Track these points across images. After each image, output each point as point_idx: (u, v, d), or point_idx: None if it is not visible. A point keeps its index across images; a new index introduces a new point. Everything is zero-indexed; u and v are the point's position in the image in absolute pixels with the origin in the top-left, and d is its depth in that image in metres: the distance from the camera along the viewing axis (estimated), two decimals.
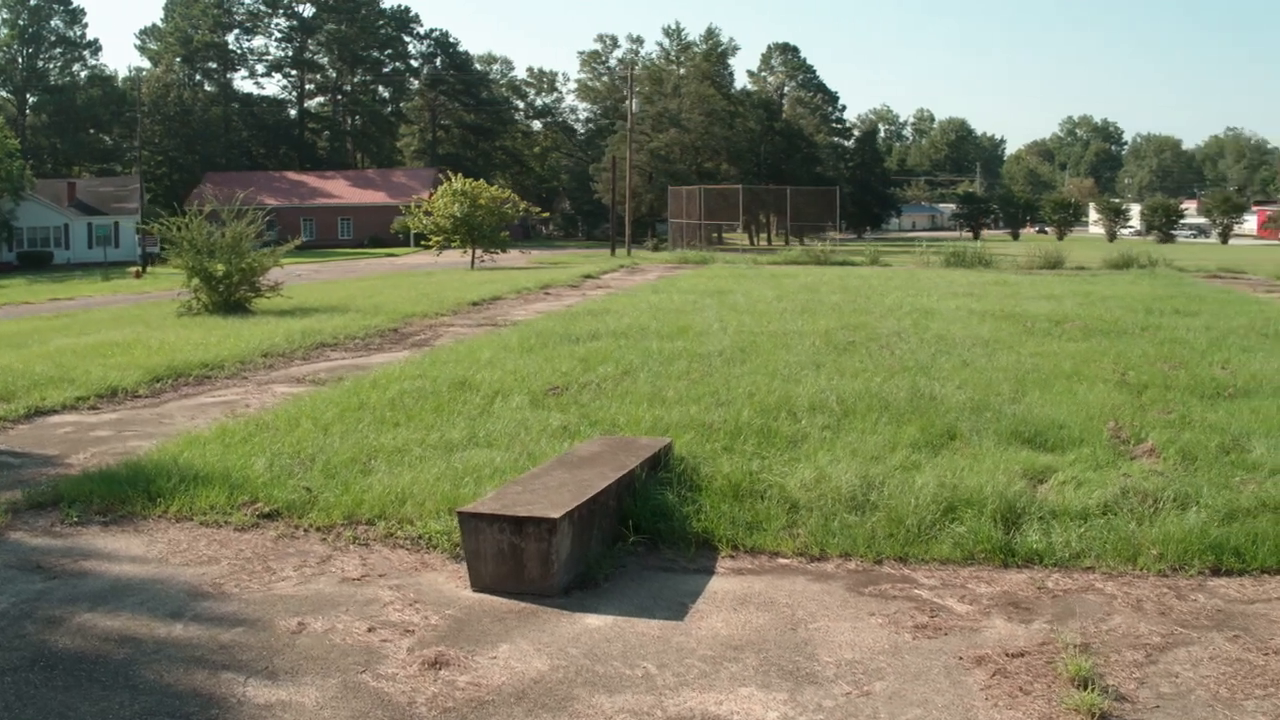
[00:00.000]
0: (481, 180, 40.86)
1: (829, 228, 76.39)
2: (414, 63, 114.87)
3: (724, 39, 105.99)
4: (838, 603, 5.74)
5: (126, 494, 7.28)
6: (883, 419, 9.36)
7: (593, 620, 5.47)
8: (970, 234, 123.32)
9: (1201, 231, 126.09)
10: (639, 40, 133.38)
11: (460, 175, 40.00)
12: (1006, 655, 5.04)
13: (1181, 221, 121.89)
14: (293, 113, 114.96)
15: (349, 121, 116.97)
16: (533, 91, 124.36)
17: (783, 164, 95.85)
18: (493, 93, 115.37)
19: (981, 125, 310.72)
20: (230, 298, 19.20)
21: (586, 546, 6.15)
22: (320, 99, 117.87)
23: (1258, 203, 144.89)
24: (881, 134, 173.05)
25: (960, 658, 5.04)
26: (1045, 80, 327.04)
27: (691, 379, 11.23)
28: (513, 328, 15.89)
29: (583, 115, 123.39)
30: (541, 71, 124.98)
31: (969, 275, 29.48)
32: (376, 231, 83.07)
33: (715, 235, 64.87)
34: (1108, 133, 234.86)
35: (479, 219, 37.35)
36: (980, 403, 10.02)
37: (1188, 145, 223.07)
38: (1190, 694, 4.67)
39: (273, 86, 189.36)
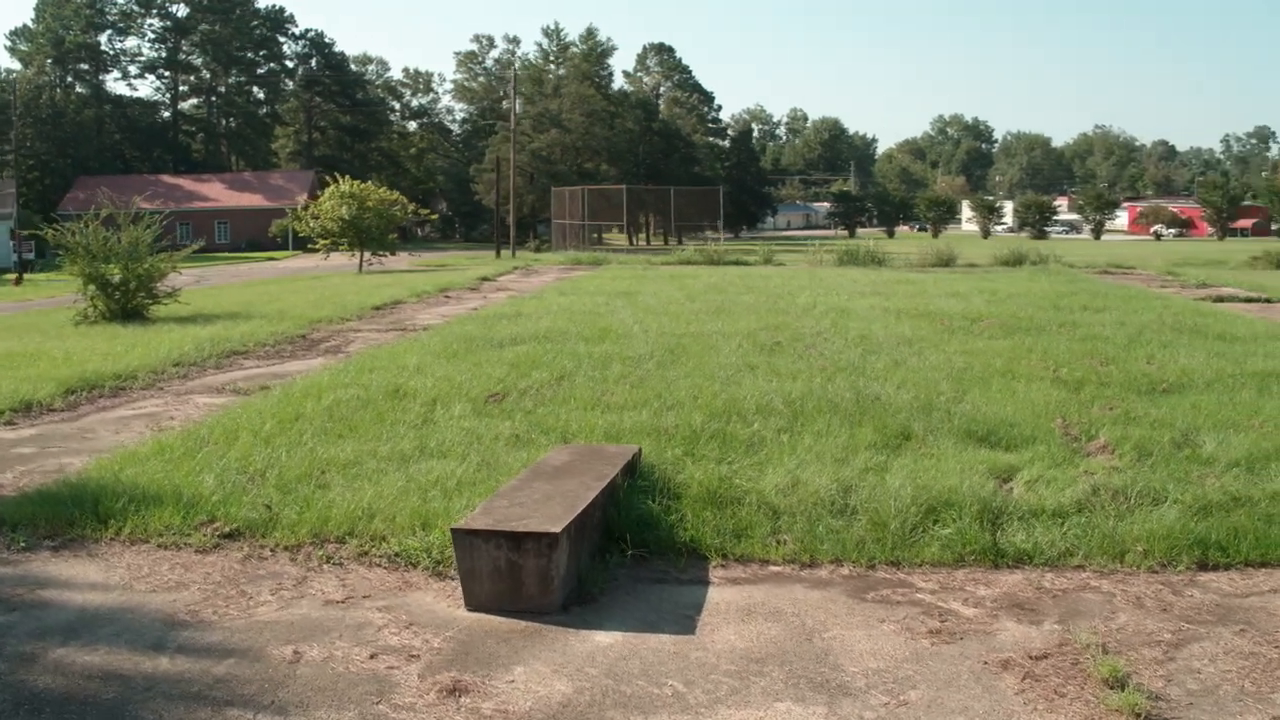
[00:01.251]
0: (369, 182, 40.24)
1: (707, 228, 77.22)
2: (289, 63, 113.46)
3: (602, 39, 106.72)
4: (844, 610, 5.77)
5: (74, 516, 6.92)
6: (834, 421, 9.44)
7: (601, 637, 5.39)
8: (846, 232, 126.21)
9: (1073, 228, 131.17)
10: (515, 41, 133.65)
11: (348, 177, 39.36)
12: (1030, 658, 5.13)
13: (1054, 218, 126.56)
14: (167, 115, 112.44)
15: (224, 123, 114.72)
16: (409, 92, 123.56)
17: (661, 164, 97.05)
18: (368, 94, 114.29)
19: (854, 124, 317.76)
20: (128, 305, 18.57)
21: (579, 561, 6.06)
22: (195, 101, 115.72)
23: (1128, 199, 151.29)
24: (756, 134, 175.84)
25: (984, 662, 5.10)
26: (916, 79, 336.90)
27: (629, 383, 11.18)
28: (427, 332, 15.63)
29: (459, 116, 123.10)
30: (417, 72, 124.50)
31: (867, 274, 30.08)
32: (254, 235, 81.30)
33: (595, 236, 64.99)
34: (978, 131, 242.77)
35: (367, 221, 36.79)
36: (926, 403, 10.19)
37: (1057, 143, 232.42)
38: (1217, 689, 4.81)
39: (146, 88, 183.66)
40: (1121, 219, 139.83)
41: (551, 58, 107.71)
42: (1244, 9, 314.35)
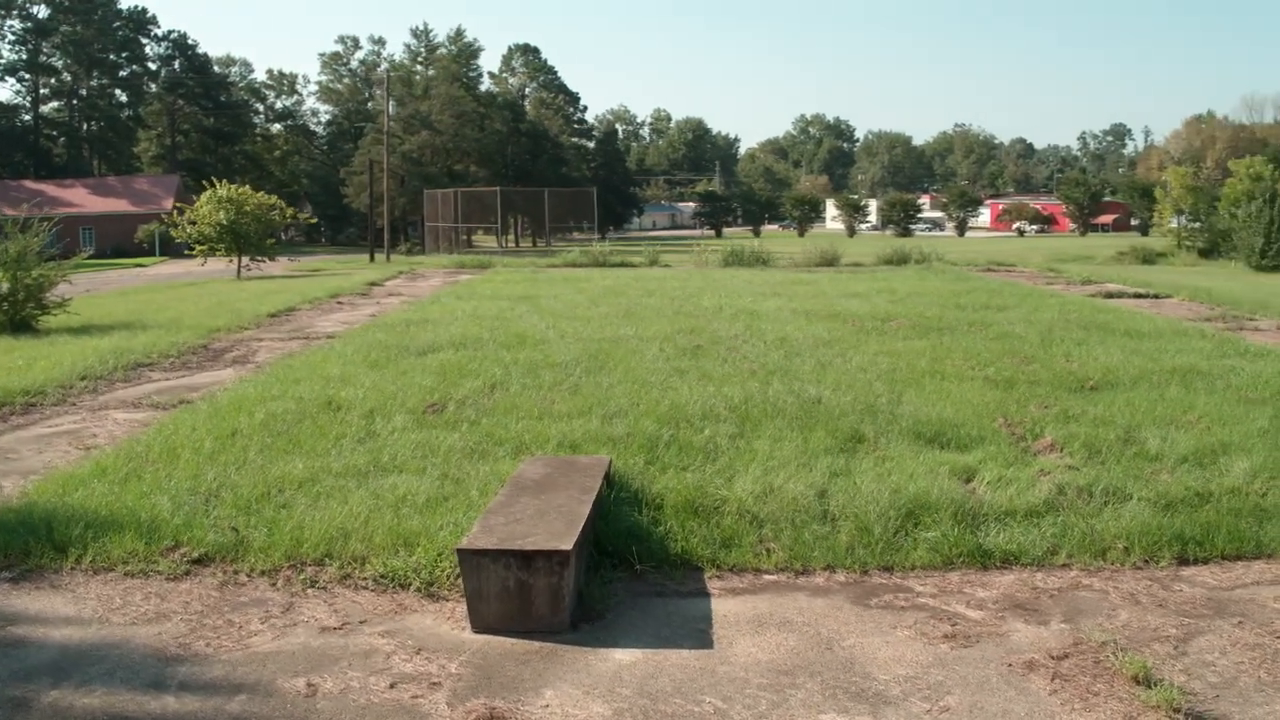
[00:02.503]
0: (247, 186, 39.21)
1: (574, 229, 77.33)
2: (152, 65, 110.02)
3: (469, 40, 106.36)
4: (853, 618, 5.85)
5: (28, 545, 6.59)
6: (783, 425, 9.57)
7: (620, 655, 5.36)
8: (712, 232, 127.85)
9: (936, 225, 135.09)
10: (381, 42, 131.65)
11: (225, 181, 38.30)
12: (1052, 658, 5.28)
13: (919, 216, 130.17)
14: (28, 118, 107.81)
15: (86, 127, 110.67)
16: (272, 94, 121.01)
17: (529, 165, 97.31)
18: (232, 96, 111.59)
19: (717, 124, 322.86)
20: (16, 316, 17.78)
21: (580, 577, 6.02)
22: (56, 103, 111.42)
23: (990, 196, 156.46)
24: (620, 134, 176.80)
25: (1008, 664, 5.24)
26: (779, 79, 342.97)
27: (565, 391, 11.13)
28: (338, 341, 15.27)
29: (324, 118, 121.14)
30: (281, 74, 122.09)
31: (758, 274, 30.50)
32: (120, 241, 78.50)
33: (465, 238, 64.52)
34: (840, 130, 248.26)
35: (245, 226, 35.83)
36: (868, 405, 10.39)
37: (918, 141, 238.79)
38: (1236, 681, 5.04)
39: (5, 91, 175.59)
40: (984, 216, 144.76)
41: (420, 59, 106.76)
42: (1100, 8, 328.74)
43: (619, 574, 6.42)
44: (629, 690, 4.96)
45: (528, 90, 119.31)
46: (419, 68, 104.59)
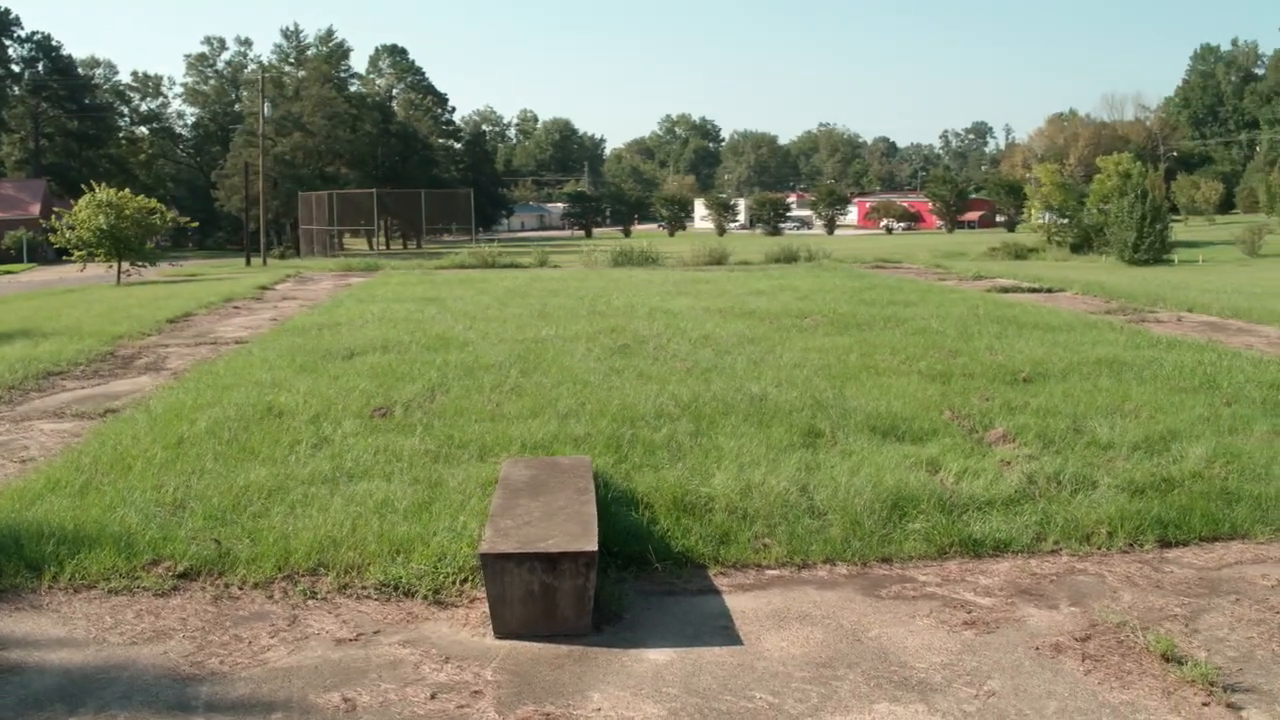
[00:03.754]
0: (127, 190, 37.86)
1: (443, 231, 76.66)
2: (15, 68, 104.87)
3: (339, 40, 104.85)
4: (869, 609, 5.97)
5: (0, 564, 6.30)
6: (738, 422, 9.68)
7: (655, 655, 5.37)
8: (582, 232, 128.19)
9: (804, 224, 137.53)
10: (247, 42, 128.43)
11: (104, 185, 36.90)
12: (1076, 640, 5.49)
13: (788, 215, 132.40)
14: None
15: None
16: (138, 96, 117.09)
17: (400, 167, 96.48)
18: (97, 98, 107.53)
19: (584, 125, 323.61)
20: None
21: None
22: None
23: (857, 195, 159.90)
24: (487, 135, 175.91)
25: (1035, 648, 5.42)
26: (645, 80, 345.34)
27: (505, 392, 11.07)
28: (256, 346, 14.88)
29: (190, 120, 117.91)
30: (146, 75, 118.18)
31: (654, 273, 30.71)
32: None
33: (337, 241, 63.50)
34: (706, 130, 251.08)
35: (126, 231, 34.64)
36: (815, 401, 10.57)
37: (783, 141, 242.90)
38: (1253, 655, 5.30)
39: None
40: (852, 214, 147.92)
41: (290, 60, 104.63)
42: (961, 9, 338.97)
43: (624, 574, 6.43)
44: (675, 689, 4.99)
45: (395, 91, 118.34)
46: (289, 69, 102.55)
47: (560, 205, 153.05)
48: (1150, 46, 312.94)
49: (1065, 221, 66.20)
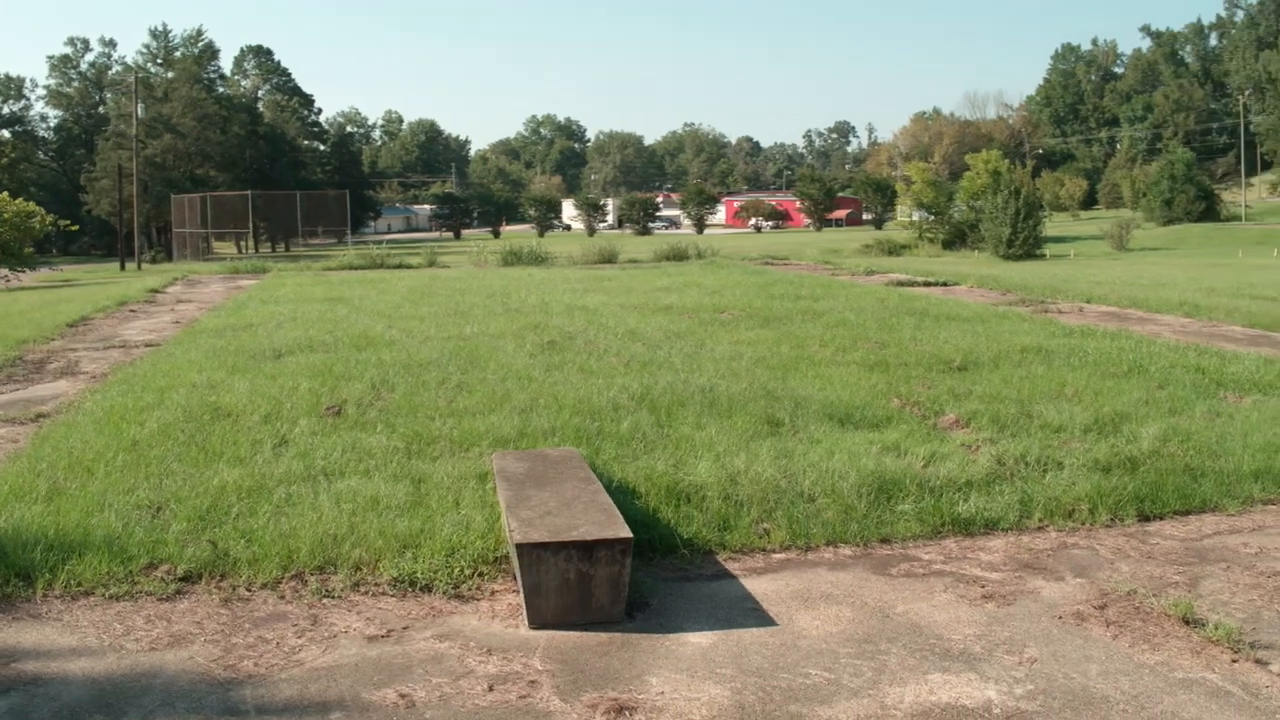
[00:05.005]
0: (5, 194, 36.25)
1: (309, 234, 75.30)
2: None
3: (207, 40, 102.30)
4: (886, 587, 6.14)
5: None
6: (695, 413, 9.81)
7: (696, 639, 5.44)
8: (450, 234, 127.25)
9: (673, 223, 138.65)
10: (112, 43, 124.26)
11: None
12: (1094, 609, 5.73)
13: (657, 215, 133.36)
14: None
15: None
16: None
17: (269, 169, 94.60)
18: None
19: (450, 126, 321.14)
20: None
21: None
22: None
23: (725, 194, 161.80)
24: (353, 137, 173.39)
25: (1058, 617, 5.65)
26: (509, 80, 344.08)
27: (452, 389, 11.00)
28: (175, 348, 14.43)
29: (53, 123, 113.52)
30: (9, 77, 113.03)
31: (551, 272, 30.72)
32: None
33: (205, 245, 61.90)
34: (571, 131, 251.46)
35: (4, 235, 33.22)
36: (764, 391, 10.76)
37: (649, 141, 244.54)
38: (1260, 616, 5.62)
39: None
40: (720, 214, 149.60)
41: (159, 60, 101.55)
42: (823, 9, 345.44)
43: (636, 561, 6.47)
44: (729, 670, 5.06)
45: (261, 93, 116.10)
46: (158, 69, 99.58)
47: (427, 207, 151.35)
48: (1011, 46, 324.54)
49: (934, 219, 68.12)
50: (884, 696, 4.76)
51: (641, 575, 6.29)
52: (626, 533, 5.67)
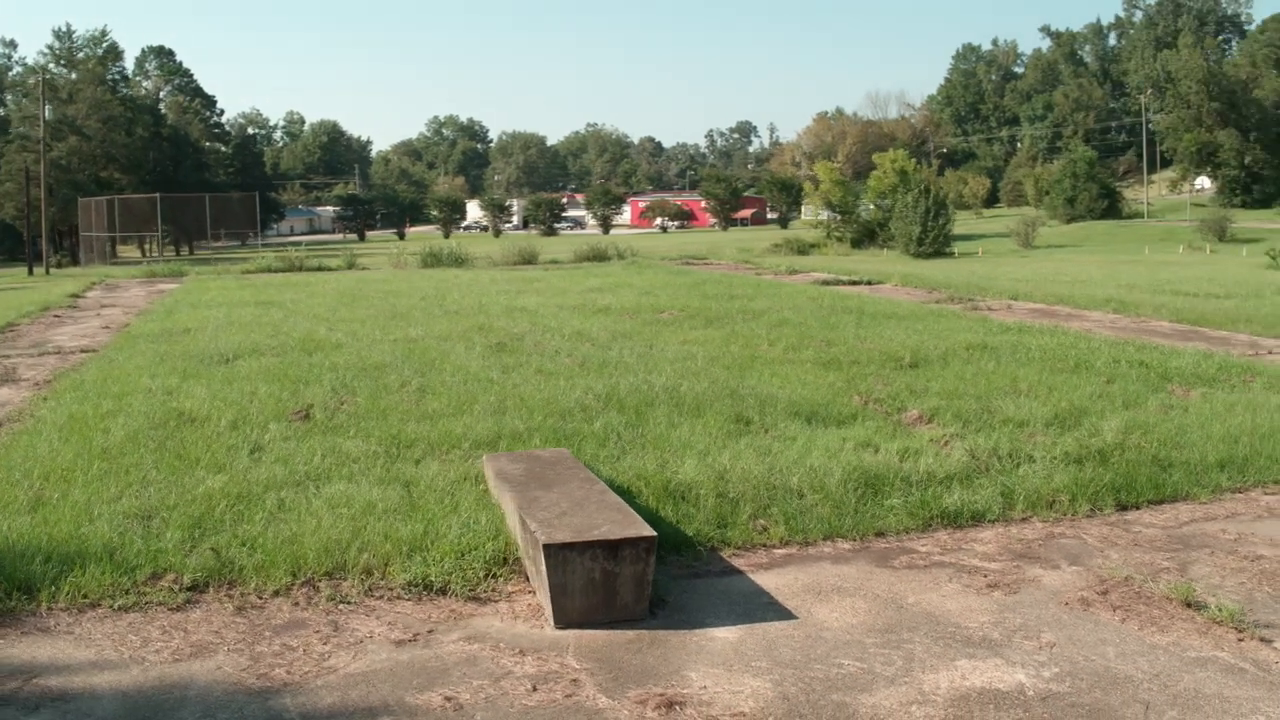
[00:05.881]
0: None
1: (213, 237, 74.04)
2: None
3: (111, 41, 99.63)
4: (893, 579, 6.32)
5: None
6: (665, 413, 9.93)
7: (723, 634, 5.55)
8: (355, 235, 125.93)
9: (578, 224, 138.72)
10: (12, 44, 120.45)
11: None
12: (1097, 594, 5.98)
13: (563, 215, 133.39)
14: None
15: None
16: None
17: (172, 171, 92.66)
18: None
19: (352, 126, 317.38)
20: None
21: None
22: None
23: (631, 194, 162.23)
24: (255, 138, 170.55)
25: (1065, 603, 5.88)
26: (411, 80, 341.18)
27: (414, 392, 10.99)
28: (119, 353, 14.12)
29: None
30: None
31: (479, 274, 30.65)
32: None
33: (109, 249, 60.44)
34: (474, 131, 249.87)
35: None
36: (727, 390, 10.92)
37: (552, 141, 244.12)
38: (1252, 597, 5.91)
39: None
40: (625, 214, 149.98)
41: (62, 60, 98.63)
42: (723, 9, 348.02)
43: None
44: (763, 663, 5.19)
45: (163, 94, 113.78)
46: (60, 70, 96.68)
47: (330, 209, 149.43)
48: (913, 46, 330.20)
49: (842, 218, 69.12)
50: (920, 683, 4.93)
51: (656, 573, 6.39)
52: (650, 531, 5.76)
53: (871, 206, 67.35)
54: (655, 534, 5.75)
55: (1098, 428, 9.17)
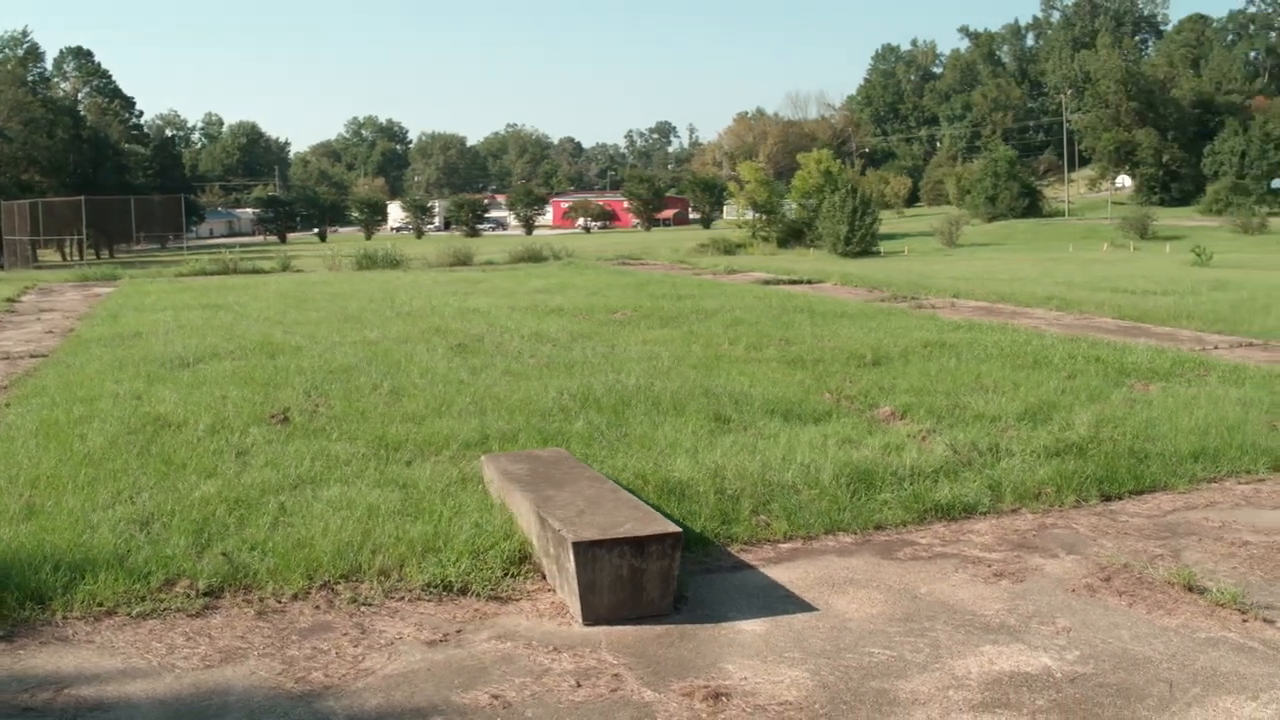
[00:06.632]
0: None
1: (134, 240, 72.67)
2: None
3: (31, 42, 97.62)
4: (901, 571, 6.49)
5: (0, 598, 5.84)
6: (644, 411, 10.03)
7: (750, 626, 5.67)
8: (275, 238, 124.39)
9: (500, 224, 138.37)
10: None
11: None
12: (1101, 580, 6.20)
13: (485, 216, 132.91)
14: None
15: None
16: None
17: (93, 174, 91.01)
18: None
19: (271, 128, 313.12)
20: None
21: None
22: None
23: (553, 195, 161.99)
24: (174, 140, 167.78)
25: (1071, 590, 6.09)
26: (330, 81, 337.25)
27: (386, 394, 10.97)
28: (63, 359, 13.80)
29: None
30: None
31: (421, 275, 30.52)
32: None
33: (31, 253, 59.08)
34: (393, 132, 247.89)
35: None
36: (703, 389, 11.03)
37: (472, 142, 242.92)
38: (1246, 579, 6.18)
39: None
40: (548, 214, 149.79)
41: None
42: (640, 9, 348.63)
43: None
44: (796, 654, 5.31)
45: (81, 95, 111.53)
46: None
47: (250, 211, 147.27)
48: (832, 47, 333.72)
49: (767, 218, 69.73)
50: (952, 669, 5.09)
51: None
52: (675, 528, 5.87)
53: (796, 206, 67.97)
54: (681, 530, 5.85)
55: (1069, 422, 9.43)
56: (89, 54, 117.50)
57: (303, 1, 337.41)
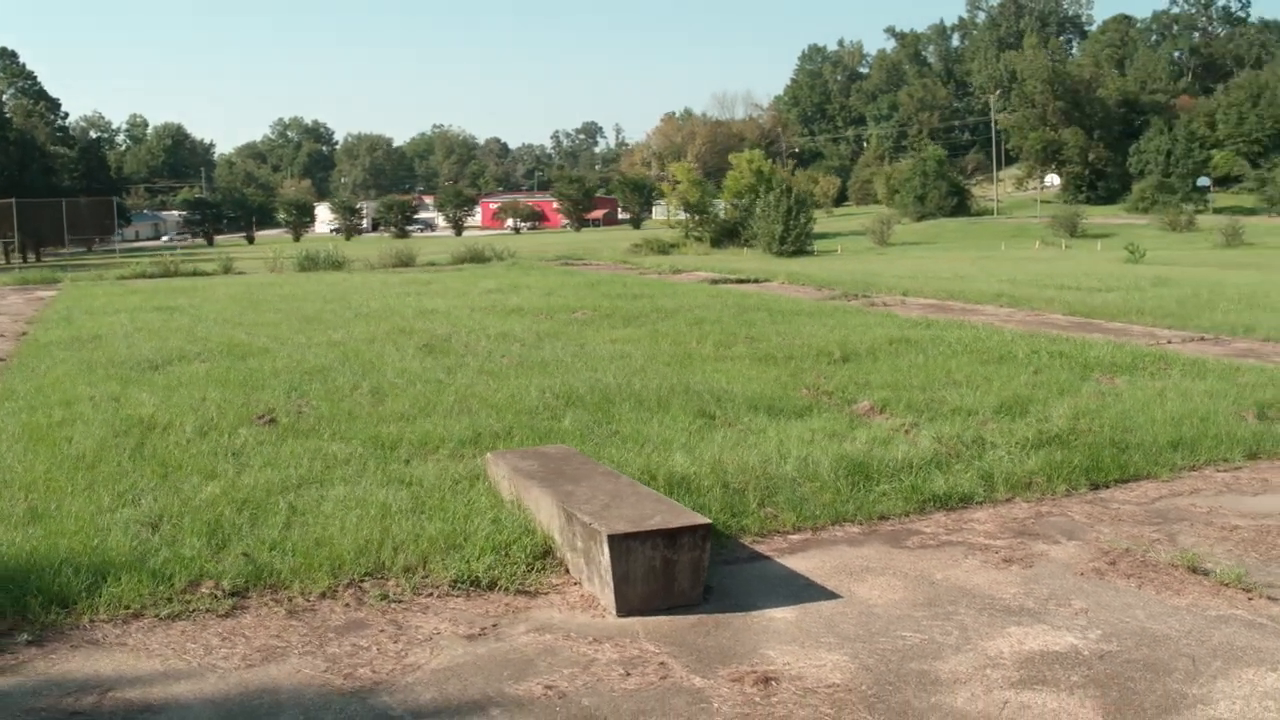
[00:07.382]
0: None
1: (58, 242, 71.29)
2: None
3: None
4: (913, 558, 6.66)
5: (24, 602, 5.78)
6: (630, 408, 10.14)
7: (780, 614, 5.80)
8: (203, 240, 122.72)
9: (429, 225, 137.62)
10: None
11: None
12: (1108, 564, 6.43)
13: (414, 217, 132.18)
14: None
15: None
16: None
17: (19, 176, 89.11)
18: None
19: (196, 129, 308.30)
20: None
21: None
22: None
23: (481, 195, 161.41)
24: (99, 142, 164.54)
25: (1080, 573, 6.31)
26: (254, 82, 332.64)
27: (368, 394, 10.96)
28: (26, 361, 13.58)
29: None
30: None
31: (371, 276, 30.37)
32: None
33: None
34: (319, 133, 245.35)
35: None
36: (684, 387, 11.15)
37: (399, 143, 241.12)
38: (1244, 561, 6.44)
39: None
40: (477, 215, 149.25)
41: None
42: (566, 9, 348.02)
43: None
44: (831, 639, 5.46)
45: (6, 97, 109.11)
46: None
47: (176, 213, 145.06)
48: (758, 47, 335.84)
49: (700, 217, 70.12)
50: (984, 650, 5.27)
51: None
52: (705, 520, 5.99)
53: (728, 206, 68.42)
54: (710, 522, 5.98)
55: (1046, 414, 9.70)
56: (14, 55, 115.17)
57: (228, 2, 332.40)
